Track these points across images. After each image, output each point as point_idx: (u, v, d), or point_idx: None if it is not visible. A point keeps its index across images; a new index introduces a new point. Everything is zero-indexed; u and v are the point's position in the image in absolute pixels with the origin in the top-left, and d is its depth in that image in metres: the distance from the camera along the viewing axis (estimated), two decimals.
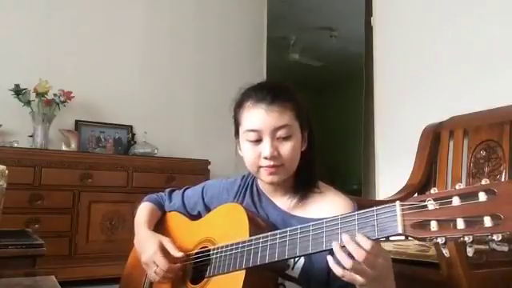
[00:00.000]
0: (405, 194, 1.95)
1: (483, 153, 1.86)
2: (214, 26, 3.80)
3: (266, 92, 0.98)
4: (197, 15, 3.73)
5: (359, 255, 0.72)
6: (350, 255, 0.73)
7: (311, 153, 1.04)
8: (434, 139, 2.08)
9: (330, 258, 0.75)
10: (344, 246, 0.74)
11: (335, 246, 0.74)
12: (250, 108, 0.99)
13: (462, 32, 2.22)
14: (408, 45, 2.51)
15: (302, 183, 1.02)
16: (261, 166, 0.98)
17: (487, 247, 0.62)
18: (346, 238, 0.73)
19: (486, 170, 1.84)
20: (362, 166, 3.20)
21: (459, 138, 1.98)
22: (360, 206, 0.97)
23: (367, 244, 0.72)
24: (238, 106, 1.03)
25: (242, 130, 1.01)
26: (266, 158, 0.96)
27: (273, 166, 0.96)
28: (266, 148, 0.96)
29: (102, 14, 3.32)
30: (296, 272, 0.94)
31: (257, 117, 0.97)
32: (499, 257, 1.29)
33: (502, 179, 1.77)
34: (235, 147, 1.07)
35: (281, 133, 0.96)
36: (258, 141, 0.97)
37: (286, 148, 0.96)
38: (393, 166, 2.49)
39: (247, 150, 0.99)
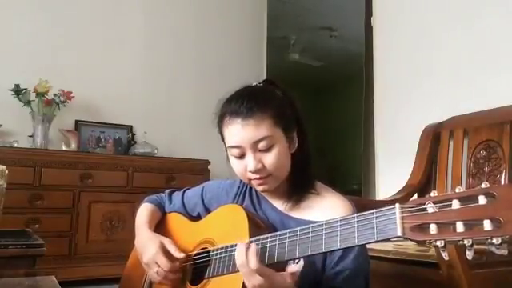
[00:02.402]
0: (405, 194, 1.95)
1: (483, 153, 1.86)
2: (214, 26, 3.80)
3: (240, 104, 0.96)
4: (197, 15, 3.73)
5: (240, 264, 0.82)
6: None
7: (303, 153, 1.03)
8: (434, 139, 2.08)
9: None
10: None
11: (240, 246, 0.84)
12: (228, 124, 0.97)
13: (461, 32, 2.22)
14: (408, 45, 2.51)
15: (297, 185, 1.02)
16: (250, 179, 0.98)
17: (486, 247, 0.62)
18: (240, 248, 0.83)
19: (486, 170, 1.84)
20: (362, 166, 3.20)
21: (459, 138, 1.98)
22: (360, 205, 0.97)
23: (253, 263, 0.80)
24: (220, 120, 1.02)
25: (226, 144, 1.01)
26: (251, 172, 0.96)
27: (260, 178, 0.96)
28: (249, 163, 0.95)
29: (102, 14, 3.32)
30: None
31: (235, 133, 0.96)
32: (499, 257, 1.29)
33: (502, 179, 1.77)
34: (226, 158, 1.04)
35: (261, 145, 0.94)
36: (242, 156, 0.96)
37: (269, 159, 0.95)
38: (393, 166, 2.49)
39: (234, 164, 0.99)
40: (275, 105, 0.98)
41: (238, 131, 0.95)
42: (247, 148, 0.95)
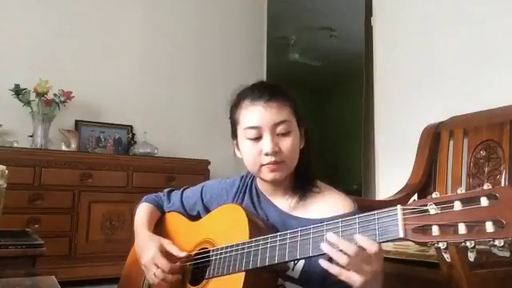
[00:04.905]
0: (405, 194, 1.95)
1: (483, 153, 1.86)
2: (214, 26, 3.80)
3: (263, 90, 0.99)
4: (197, 15, 3.73)
5: (352, 252, 0.72)
6: (343, 252, 0.73)
7: (308, 151, 1.04)
8: (433, 139, 2.08)
9: (323, 262, 0.76)
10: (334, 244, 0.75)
11: (325, 247, 0.75)
12: (248, 106, 0.99)
13: (462, 32, 2.21)
14: (408, 45, 2.51)
15: (300, 182, 1.02)
16: (262, 164, 0.97)
17: (487, 247, 0.61)
18: (332, 236, 0.75)
19: (486, 170, 1.84)
20: (362, 166, 3.20)
21: (459, 138, 1.98)
22: (360, 205, 0.97)
23: (370, 245, 0.72)
24: (235, 105, 1.03)
25: (240, 128, 1.01)
26: (267, 155, 0.95)
27: (274, 163, 0.96)
28: (266, 144, 0.95)
29: (102, 13, 3.32)
30: (296, 273, 0.94)
31: (255, 114, 0.97)
32: (500, 257, 1.29)
33: (502, 179, 1.77)
34: (233, 150, 1.06)
35: (280, 128, 0.96)
36: (258, 138, 0.97)
37: (286, 144, 0.96)
38: (393, 166, 2.49)
39: (247, 148, 0.99)
40: (293, 98, 1.02)
41: (260, 112, 0.97)
42: (266, 130, 0.96)
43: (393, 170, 2.47)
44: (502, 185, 1.75)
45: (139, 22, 3.47)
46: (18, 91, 2.81)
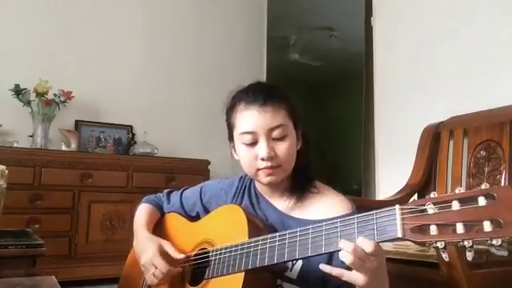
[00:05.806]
0: (405, 194, 1.95)
1: (483, 153, 1.86)
2: (214, 26, 3.80)
3: (258, 93, 0.98)
4: (196, 15, 3.73)
5: (351, 250, 0.72)
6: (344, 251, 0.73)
7: (306, 152, 1.04)
8: (433, 139, 2.08)
9: (325, 266, 0.76)
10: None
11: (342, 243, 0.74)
12: (243, 110, 0.98)
13: (461, 32, 2.22)
14: (408, 45, 2.51)
15: (298, 183, 1.02)
16: (258, 169, 0.97)
17: (486, 247, 0.62)
18: (345, 244, 0.73)
19: (486, 170, 1.84)
20: (362, 166, 3.20)
21: (459, 138, 1.98)
22: (360, 206, 0.97)
23: (369, 246, 0.71)
24: (231, 109, 1.02)
25: (236, 133, 1.00)
26: (263, 160, 0.95)
27: (270, 167, 0.96)
28: (262, 149, 0.95)
29: (102, 13, 3.32)
30: (294, 273, 0.94)
31: (250, 119, 0.96)
32: (499, 257, 1.29)
33: (502, 179, 1.77)
34: (230, 152, 1.06)
35: (276, 133, 0.95)
36: (254, 143, 0.96)
37: (282, 148, 0.96)
38: (393, 166, 2.49)
39: (243, 152, 0.99)
40: (289, 99, 1.01)
41: (255, 117, 0.96)
42: (261, 134, 0.95)
43: (393, 170, 2.47)
44: (502, 185, 1.75)
45: (139, 22, 3.47)
46: (18, 91, 2.81)
